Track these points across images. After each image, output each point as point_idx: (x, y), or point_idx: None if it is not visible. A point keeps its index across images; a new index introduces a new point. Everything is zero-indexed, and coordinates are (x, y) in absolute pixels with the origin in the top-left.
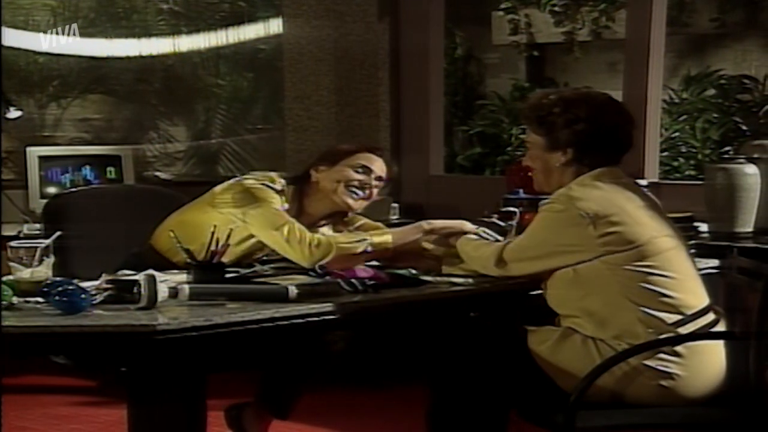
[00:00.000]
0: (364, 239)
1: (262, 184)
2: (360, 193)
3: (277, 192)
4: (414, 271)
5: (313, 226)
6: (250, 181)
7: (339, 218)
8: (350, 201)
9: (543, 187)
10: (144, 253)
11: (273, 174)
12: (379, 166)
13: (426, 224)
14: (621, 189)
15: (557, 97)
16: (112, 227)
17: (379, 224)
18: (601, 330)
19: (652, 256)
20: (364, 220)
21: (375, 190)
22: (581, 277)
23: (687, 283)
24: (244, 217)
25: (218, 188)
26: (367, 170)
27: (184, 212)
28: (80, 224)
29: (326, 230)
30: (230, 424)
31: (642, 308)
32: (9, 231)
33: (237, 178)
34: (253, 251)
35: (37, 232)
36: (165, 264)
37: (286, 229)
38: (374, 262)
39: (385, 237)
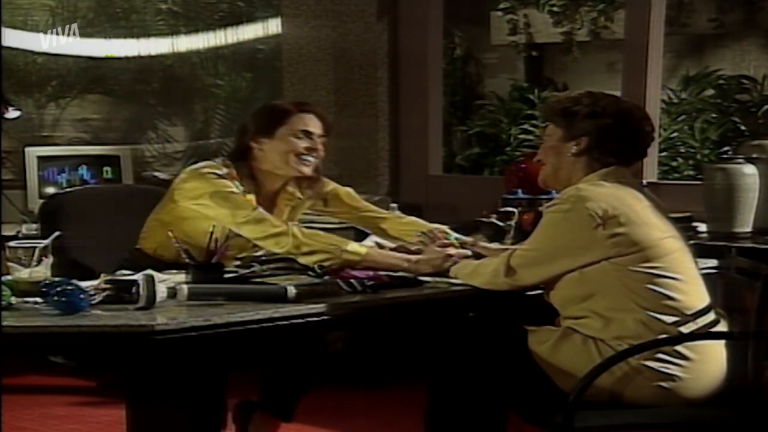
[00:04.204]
0: (339, 246)
1: (211, 173)
2: (310, 159)
3: (224, 177)
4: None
5: (274, 199)
6: (204, 169)
7: (304, 182)
8: (304, 169)
9: (549, 183)
10: (134, 258)
11: (216, 161)
12: (316, 125)
13: (414, 264)
14: (627, 188)
15: (586, 93)
16: (111, 227)
17: (350, 189)
18: (603, 330)
19: (659, 258)
20: (333, 186)
21: (321, 148)
22: (587, 277)
23: (691, 285)
24: (203, 205)
25: (176, 181)
26: (308, 133)
27: (157, 213)
28: (76, 225)
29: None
30: (236, 419)
31: (646, 311)
32: (8, 231)
33: (189, 168)
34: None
35: (35, 232)
36: (157, 265)
37: (246, 212)
38: None
39: (360, 249)
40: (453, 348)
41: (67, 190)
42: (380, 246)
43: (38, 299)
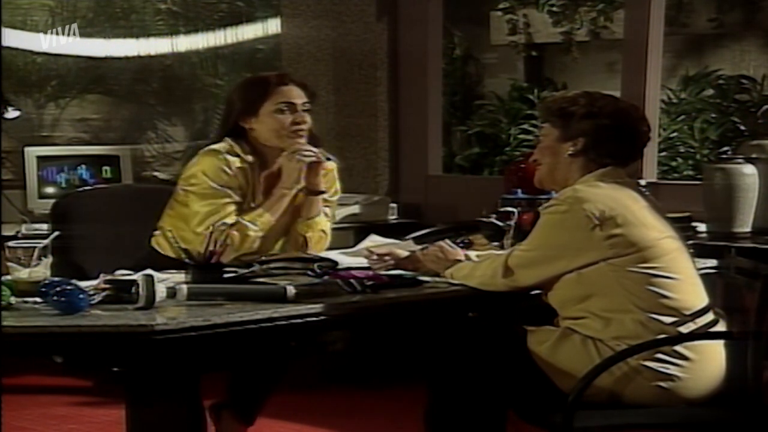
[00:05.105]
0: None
1: (212, 150)
2: (300, 131)
3: (226, 155)
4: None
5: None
6: (208, 148)
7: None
8: (300, 141)
9: (545, 183)
10: (149, 256)
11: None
12: (297, 95)
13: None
14: (624, 188)
15: (583, 93)
16: (122, 227)
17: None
18: (602, 331)
19: (656, 258)
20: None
21: (307, 115)
22: (585, 278)
23: (690, 285)
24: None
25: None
26: (291, 106)
27: (170, 207)
28: (88, 224)
29: None
30: (215, 421)
31: (644, 312)
32: (7, 231)
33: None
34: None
35: (37, 232)
36: (170, 263)
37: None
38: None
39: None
40: (453, 348)
41: (78, 189)
42: (370, 251)
43: (38, 299)
